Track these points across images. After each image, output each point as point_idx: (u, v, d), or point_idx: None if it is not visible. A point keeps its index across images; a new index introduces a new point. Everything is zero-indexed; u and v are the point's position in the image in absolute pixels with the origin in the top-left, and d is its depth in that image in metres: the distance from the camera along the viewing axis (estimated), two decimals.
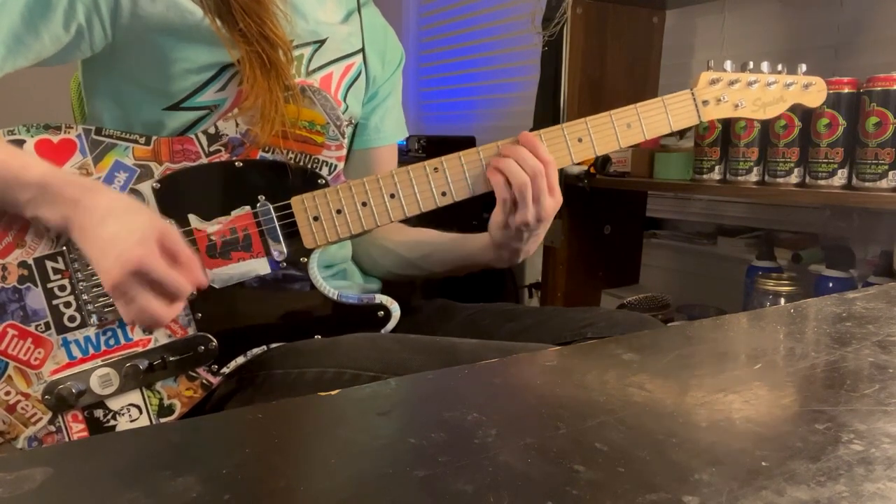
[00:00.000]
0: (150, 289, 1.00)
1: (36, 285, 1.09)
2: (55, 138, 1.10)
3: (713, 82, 1.32)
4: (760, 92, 1.35)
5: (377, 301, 1.21)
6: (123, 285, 0.99)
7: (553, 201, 1.20)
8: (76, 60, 1.20)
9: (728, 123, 2.01)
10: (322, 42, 1.28)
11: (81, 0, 1.09)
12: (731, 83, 1.32)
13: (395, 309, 1.21)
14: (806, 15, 2.43)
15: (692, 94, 1.30)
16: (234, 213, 1.15)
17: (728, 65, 1.33)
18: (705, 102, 1.31)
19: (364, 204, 1.18)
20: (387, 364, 1.04)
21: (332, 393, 0.62)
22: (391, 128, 1.52)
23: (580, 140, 1.23)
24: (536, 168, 1.17)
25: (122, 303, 1.02)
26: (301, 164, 1.17)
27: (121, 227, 1.01)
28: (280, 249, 1.16)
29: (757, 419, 0.57)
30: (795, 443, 0.52)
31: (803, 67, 1.39)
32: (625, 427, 0.55)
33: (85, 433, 1.12)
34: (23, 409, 1.09)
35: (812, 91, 1.40)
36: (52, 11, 1.08)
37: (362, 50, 1.39)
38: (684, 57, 2.78)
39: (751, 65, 1.34)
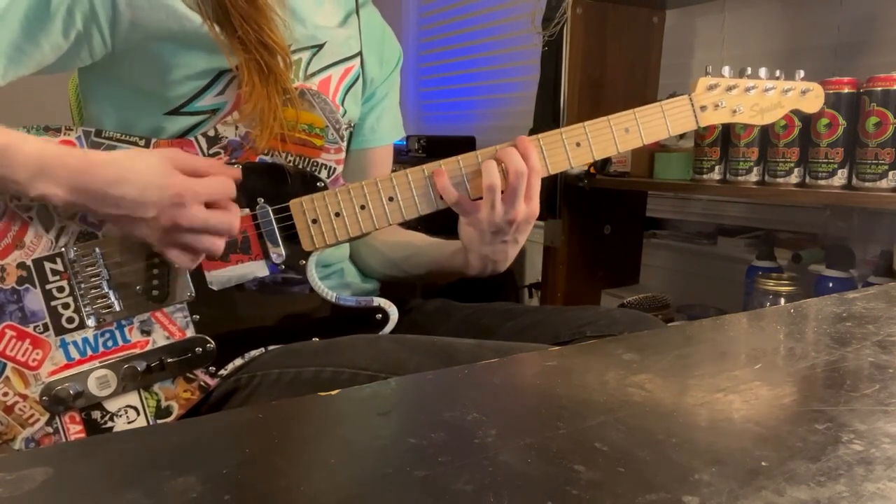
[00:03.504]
0: (203, 211, 1.05)
1: (34, 286, 1.09)
2: (55, 140, 1.10)
3: (711, 88, 1.32)
4: (758, 98, 1.35)
5: (375, 304, 1.21)
6: (181, 220, 1.04)
7: (527, 209, 1.20)
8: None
9: (728, 124, 2.01)
10: (320, 46, 1.28)
11: (79, 8, 1.08)
12: (729, 89, 1.33)
13: (393, 312, 1.21)
14: (806, 15, 2.43)
15: (690, 99, 1.31)
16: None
17: (726, 70, 1.34)
18: (703, 108, 1.32)
19: (362, 207, 1.18)
20: (384, 364, 1.04)
21: (332, 393, 0.63)
22: (387, 128, 1.52)
23: (578, 145, 1.24)
24: (520, 170, 1.17)
25: (187, 238, 1.07)
26: (300, 167, 1.17)
27: (141, 176, 1.03)
28: (278, 252, 1.16)
29: (757, 419, 0.57)
30: (795, 443, 0.52)
31: (801, 73, 1.40)
32: (625, 427, 0.55)
33: (82, 435, 1.12)
34: (20, 410, 1.09)
35: (809, 97, 1.41)
36: (51, 21, 1.08)
37: (360, 53, 1.39)
38: (684, 57, 2.78)
39: (749, 70, 1.35)
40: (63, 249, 1.10)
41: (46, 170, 1.01)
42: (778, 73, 1.37)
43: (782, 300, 2.07)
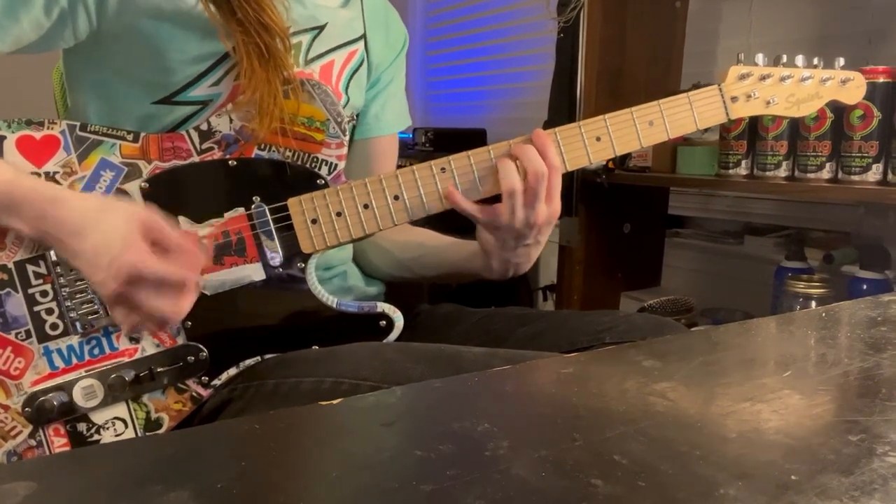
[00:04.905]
0: (152, 289, 1.02)
1: (16, 291, 1.09)
2: (37, 135, 1.10)
3: (743, 77, 1.31)
4: (794, 88, 1.34)
5: (379, 310, 1.20)
6: (123, 294, 1.01)
7: (548, 210, 1.20)
8: (59, 50, 1.20)
9: (755, 116, 2.01)
10: (321, 28, 1.28)
11: None
12: (763, 78, 1.32)
13: (397, 318, 1.21)
14: None
15: (720, 89, 1.30)
16: (228, 215, 1.15)
17: (760, 58, 1.32)
18: (734, 99, 1.30)
19: (366, 206, 1.18)
20: (387, 374, 1.04)
21: (334, 402, 0.63)
22: (392, 116, 1.52)
23: (599, 139, 1.23)
24: (539, 170, 1.17)
25: (125, 311, 1.03)
26: (299, 163, 1.17)
27: (100, 236, 1.02)
28: (276, 254, 1.16)
29: (786, 430, 0.57)
30: (827, 455, 0.52)
31: (841, 61, 1.38)
32: (646, 438, 0.55)
33: (67, 448, 1.12)
34: (1, 422, 1.09)
35: (850, 87, 1.39)
36: None
37: (364, 36, 1.39)
38: (709, 44, 2.78)
39: (784, 58, 1.33)
40: (46, 251, 1.10)
41: (12, 206, 1.03)
42: (816, 60, 1.36)
43: (813, 303, 2.06)
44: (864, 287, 2.02)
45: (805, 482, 0.48)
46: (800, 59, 1.34)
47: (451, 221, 1.33)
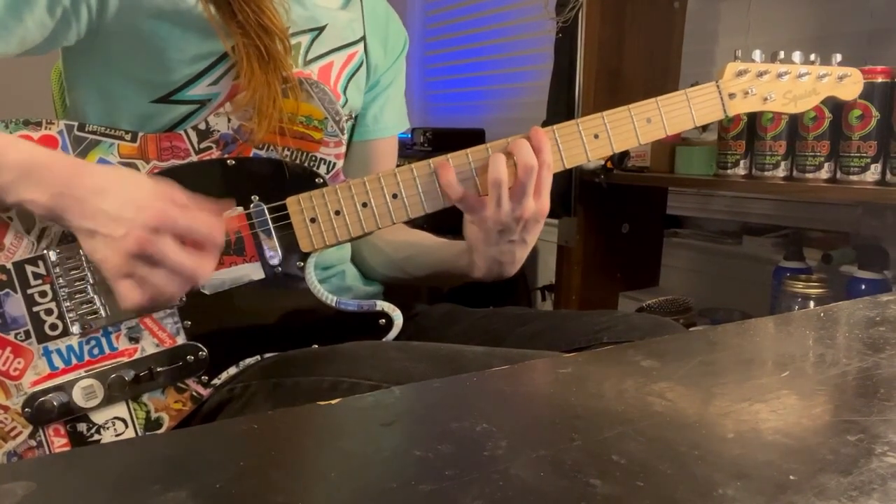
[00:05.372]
0: (177, 242, 1.01)
1: (15, 291, 1.09)
2: (35, 135, 1.10)
3: (740, 74, 1.31)
4: (791, 84, 1.34)
5: (378, 308, 1.20)
6: (148, 247, 0.99)
7: (536, 205, 1.19)
8: (59, 49, 1.20)
9: (754, 115, 2.01)
10: (321, 29, 1.28)
11: None
12: (760, 74, 1.32)
13: (397, 317, 1.20)
14: None
15: (717, 86, 1.30)
16: (226, 214, 1.15)
17: (757, 55, 1.32)
18: (732, 95, 1.30)
19: (364, 205, 1.18)
20: (387, 373, 1.03)
21: (333, 402, 0.63)
22: (391, 119, 1.52)
23: (597, 136, 1.23)
24: (529, 163, 1.16)
25: (132, 284, 1.02)
26: (297, 161, 1.17)
27: (125, 193, 1.01)
28: (275, 253, 1.16)
29: (785, 430, 0.57)
30: (826, 455, 0.52)
31: (838, 57, 1.38)
32: (644, 438, 0.55)
33: (67, 448, 1.12)
34: (1, 422, 1.09)
35: (847, 83, 1.39)
36: None
37: (363, 38, 1.39)
38: (707, 44, 2.78)
39: (781, 55, 1.33)
40: (45, 252, 1.10)
41: (33, 173, 1.01)
42: (813, 57, 1.36)
43: (811, 303, 2.07)
44: (863, 287, 2.02)
45: (803, 482, 0.48)
46: (797, 56, 1.34)
47: (446, 222, 1.33)
